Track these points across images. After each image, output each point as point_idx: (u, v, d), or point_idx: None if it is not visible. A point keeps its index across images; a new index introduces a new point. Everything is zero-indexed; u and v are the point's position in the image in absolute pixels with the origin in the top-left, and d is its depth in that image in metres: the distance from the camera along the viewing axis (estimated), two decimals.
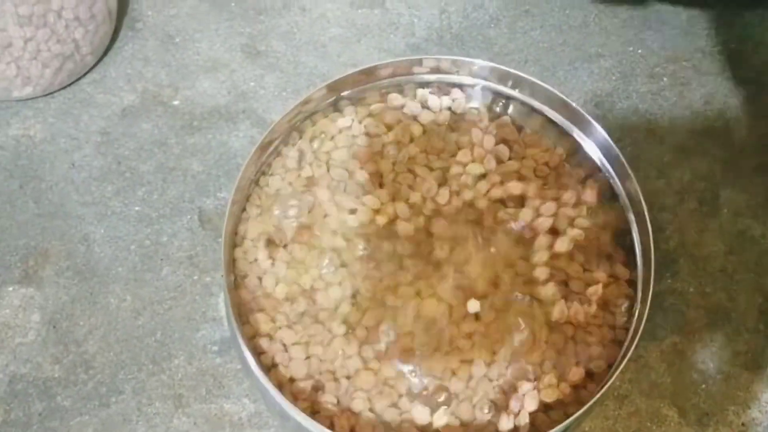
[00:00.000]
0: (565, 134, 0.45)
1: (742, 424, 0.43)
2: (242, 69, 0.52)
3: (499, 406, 0.39)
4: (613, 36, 0.55)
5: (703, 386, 0.44)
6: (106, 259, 0.45)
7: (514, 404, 0.39)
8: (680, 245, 0.48)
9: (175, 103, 0.51)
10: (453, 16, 0.55)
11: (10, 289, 0.44)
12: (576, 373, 0.40)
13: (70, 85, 0.50)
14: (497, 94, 0.46)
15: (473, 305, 0.40)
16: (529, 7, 0.56)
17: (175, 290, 0.45)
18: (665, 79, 0.54)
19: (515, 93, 0.45)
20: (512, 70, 0.45)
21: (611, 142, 0.43)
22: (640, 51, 0.55)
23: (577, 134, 0.44)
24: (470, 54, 0.53)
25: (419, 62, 0.45)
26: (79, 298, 0.44)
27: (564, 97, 0.44)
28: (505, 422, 0.38)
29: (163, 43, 0.53)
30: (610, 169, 0.43)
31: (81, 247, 0.46)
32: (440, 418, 0.39)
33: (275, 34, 0.53)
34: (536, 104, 0.45)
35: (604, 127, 0.43)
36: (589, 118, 0.44)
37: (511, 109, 0.46)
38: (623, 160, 0.42)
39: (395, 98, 0.46)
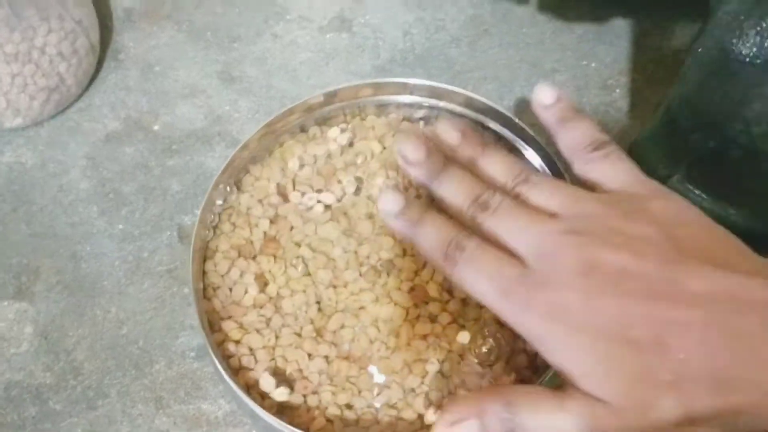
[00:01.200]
0: (514, 149, 0.48)
1: None
2: (218, 94, 0.56)
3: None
4: (569, 51, 0.58)
5: None
6: (93, 274, 0.49)
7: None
8: None
9: (156, 128, 0.54)
10: (416, 38, 0.59)
11: (5, 303, 0.48)
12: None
13: (57, 114, 0.54)
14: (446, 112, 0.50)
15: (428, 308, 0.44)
16: (488, 27, 0.59)
17: (155, 301, 0.48)
18: (617, 90, 0.57)
19: (459, 108, 0.49)
20: (452, 87, 0.48)
21: (554, 158, 0.46)
22: (593, 65, 0.58)
23: (522, 147, 0.48)
24: (431, 73, 0.57)
25: (373, 85, 0.49)
26: (68, 311, 0.48)
27: (506, 112, 0.47)
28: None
29: (144, 72, 0.57)
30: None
31: (69, 264, 0.49)
32: (400, 412, 0.42)
33: (248, 60, 0.57)
34: (479, 117, 0.49)
35: (546, 143, 0.47)
36: (532, 133, 0.47)
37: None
38: (561, 170, 0.45)
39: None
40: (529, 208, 0.34)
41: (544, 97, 0.39)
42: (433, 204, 0.38)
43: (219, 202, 0.47)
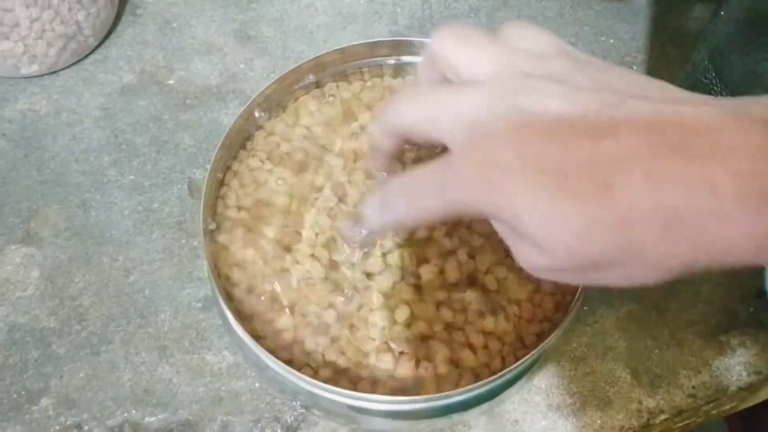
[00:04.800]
0: None
1: (693, 387, 0.46)
2: (233, 53, 0.56)
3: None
4: (587, 26, 0.58)
5: (657, 351, 0.47)
6: (102, 222, 0.49)
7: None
8: None
9: (171, 82, 0.54)
10: (434, 6, 0.58)
11: (13, 247, 0.48)
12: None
13: (74, 64, 0.54)
14: None
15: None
16: None
17: (163, 252, 0.48)
18: (634, 67, 0.57)
19: None
20: None
21: None
22: (611, 41, 0.58)
23: None
24: None
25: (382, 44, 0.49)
26: (76, 258, 0.48)
27: None
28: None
29: (161, 28, 0.57)
30: None
31: (79, 212, 0.49)
32: (409, 369, 0.42)
33: (265, 20, 0.57)
34: None
35: None
36: None
37: None
38: None
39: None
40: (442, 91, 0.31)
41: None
42: None
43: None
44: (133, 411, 0.43)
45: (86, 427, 0.43)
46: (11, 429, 0.43)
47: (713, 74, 0.39)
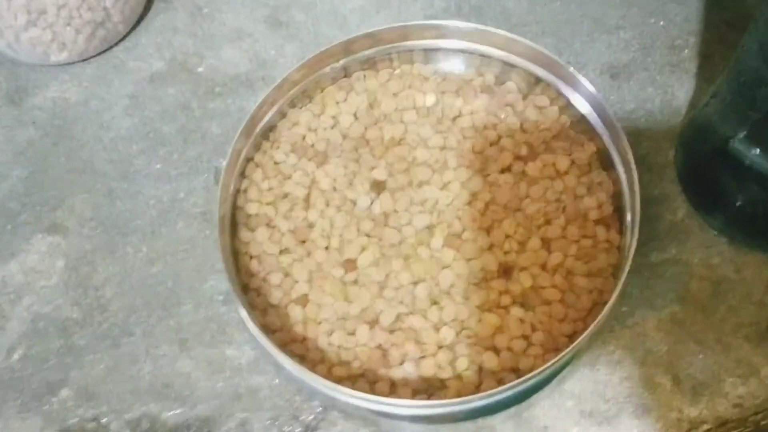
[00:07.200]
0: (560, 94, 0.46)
1: (739, 396, 0.43)
2: (264, 39, 0.54)
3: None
4: (635, 8, 0.55)
5: (701, 356, 0.44)
6: (127, 212, 0.48)
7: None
8: (688, 216, 0.47)
9: (200, 70, 0.53)
10: None
11: (39, 236, 0.48)
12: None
13: (104, 51, 0.54)
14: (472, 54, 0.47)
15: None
16: None
17: (187, 243, 0.47)
18: (686, 51, 0.53)
19: (502, 54, 0.46)
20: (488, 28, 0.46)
21: (599, 97, 0.43)
22: (662, 23, 0.54)
23: (569, 92, 0.45)
24: (487, 25, 0.54)
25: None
26: (100, 247, 0.47)
27: (553, 56, 0.45)
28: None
29: (192, 15, 0.56)
30: (604, 131, 0.44)
31: (105, 201, 0.49)
32: (426, 370, 0.40)
33: (297, 5, 0.56)
34: (520, 61, 0.46)
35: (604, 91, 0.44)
36: (580, 78, 0.44)
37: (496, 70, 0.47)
38: (612, 118, 0.42)
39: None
40: None
41: None
42: None
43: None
44: (152, 405, 0.43)
45: (104, 420, 0.42)
46: (31, 420, 0.43)
47: (762, 60, 0.36)
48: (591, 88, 0.44)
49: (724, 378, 0.43)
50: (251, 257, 0.43)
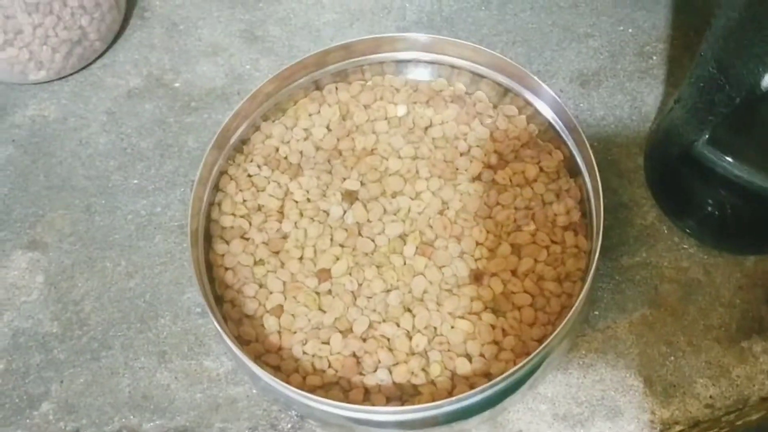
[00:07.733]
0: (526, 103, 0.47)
1: (711, 397, 0.43)
2: (240, 53, 0.55)
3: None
4: (603, 16, 0.56)
5: (672, 358, 0.44)
6: (105, 227, 0.49)
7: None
8: (657, 220, 0.48)
9: (176, 85, 0.54)
10: (444, 0, 0.57)
11: (19, 253, 0.48)
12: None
13: (82, 69, 0.54)
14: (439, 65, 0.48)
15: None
16: None
17: (165, 256, 0.48)
18: (654, 57, 0.54)
19: (466, 63, 0.47)
20: (456, 40, 0.47)
21: (562, 104, 0.44)
22: (630, 30, 0.55)
23: (533, 99, 0.46)
24: (458, 36, 0.55)
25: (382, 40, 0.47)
26: (79, 263, 0.48)
27: (516, 64, 0.45)
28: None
29: (168, 31, 0.56)
30: (569, 138, 0.45)
31: (84, 217, 0.49)
32: (400, 376, 0.41)
33: (272, 20, 0.56)
34: (488, 72, 0.47)
35: (567, 97, 0.44)
36: (545, 86, 0.45)
37: (466, 80, 0.48)
38: (576, 125, 0.43)
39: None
40: None
41: None
42: None
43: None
44: (131, 417, 0.43)
45: None
46: None
47: (716, 68, 0.37)
48: (555, 96, 0.45)
49: (695, 379, 0.44)
50: (226, 269, 0.43)
